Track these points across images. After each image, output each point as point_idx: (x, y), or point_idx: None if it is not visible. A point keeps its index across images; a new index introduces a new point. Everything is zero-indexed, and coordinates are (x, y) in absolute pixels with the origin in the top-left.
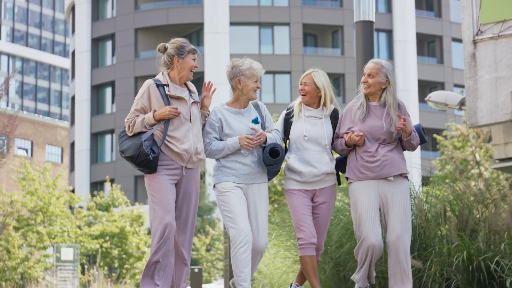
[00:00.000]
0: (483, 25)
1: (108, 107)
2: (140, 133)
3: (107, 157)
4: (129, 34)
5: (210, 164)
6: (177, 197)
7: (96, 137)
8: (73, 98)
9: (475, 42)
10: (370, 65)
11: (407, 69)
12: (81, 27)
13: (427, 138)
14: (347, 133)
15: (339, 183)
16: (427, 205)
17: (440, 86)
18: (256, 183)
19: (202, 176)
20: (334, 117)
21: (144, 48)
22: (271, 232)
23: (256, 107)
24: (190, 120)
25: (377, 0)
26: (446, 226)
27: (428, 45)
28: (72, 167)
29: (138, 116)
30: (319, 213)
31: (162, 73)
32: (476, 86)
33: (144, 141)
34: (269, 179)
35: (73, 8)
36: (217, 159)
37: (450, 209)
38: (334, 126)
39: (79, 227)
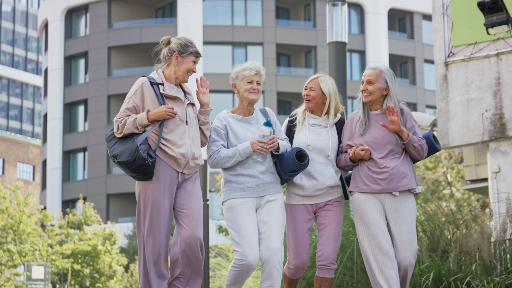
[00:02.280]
0: (454, 47)
1: (81, 125)
2: (131, 136)
3: (79, 175)
4: (102, 52)
5: None
6: (175, 200)
7: (68, 155)
8: (45, 116)
9: (447, 64)
10: (368, 72)
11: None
12: (54, 45)
13: (439, 146)
14: (351, 146)
15: (346, 198)
16: None
17: (412, 107)
18: (267, 195)
19: None
20: (340, 127)
21: (117, 66)
22: None
23: (264, 113)
24: (187, 122)
25: (350, 21)
26: (418, 247)
27: (401, 66)
28: (44, 185)
29: (129, 115)
30: (326, 222)
31: (157, 71)
32: (448, 107)
33: (140, 144)
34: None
35: (46, 26)
36: (223, 173)
37: (422, 229)
38: (339, 136)
39: (51, 246)
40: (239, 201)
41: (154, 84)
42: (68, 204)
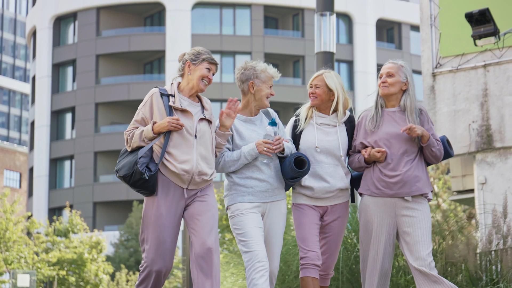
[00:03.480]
0: (442, 58)
1: (68, 133)
2: (138, 150)
3: (66, 183)
4: (90, 60)
5: None
6: (187, 211)
7: (55, 163)
8: (32, 123)
9: (434, 75)
10: (388, 65)
11: (368, 100)
12: (42, 52)
13: (453, 152)
14: (365, 146)
15: (353, 201)
16: None
17: None
18: (275, 201)
19: None
20: (350, 125)
21: (105, 74)
22: (229, 261)
23: (267, 114)
24: (196, 135)
25: (339, 31)
26: (403, 258)
27: None
28: (30, 193)
29: (138, 128)
30: (330, 232)
31: (172, 82)
32: (435, 118)
33: (140, 158)
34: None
35: (34, 33)
36: (228, 176)
37: None
38: (349, 135)
39: (37, 254)
40: (247, 205)
41: (164, 95)
42: (54, 211)
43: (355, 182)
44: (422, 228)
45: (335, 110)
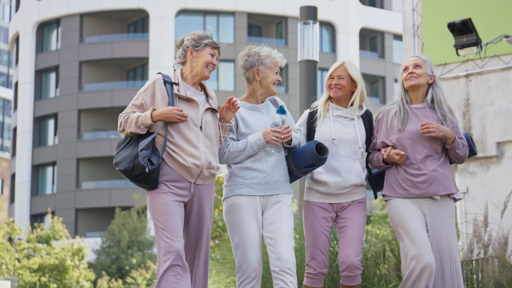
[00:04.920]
0: None
1: (51, 139)
2: (137, 141)
3: (48, 190)
4: (74, 67)
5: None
6: (185, 221)
7: (37, 169)
8: (14, 129)
9: None
10: (412, 58)
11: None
12: (25, 58)
13: (476, 150)
14: (386, 145)
15: (376, 197)
16: (366, 244)
17: None
18: (276, 195)
19: (144, 210)
20: (367, 119)
21: (88, 80)
22: (211, 268)
23: (274, 103)
24: (201, 127)
25: (322, 39)
26: (385, 266)
27: (371, 85)
28: (12, 199)
29: (135, 112)
30: (347, 225)
31: (174, 70)
32: None
33: (141, 150)
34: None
35: (17, 39)
36: (229, 165)
37: (390, 249)
38: (367, 129)
39: (18, 260)
40: (244, 199)
41: (168, 83)
42: (36, 218)
43: (378, 180)
44: (447, 234)
45: (352, 103)
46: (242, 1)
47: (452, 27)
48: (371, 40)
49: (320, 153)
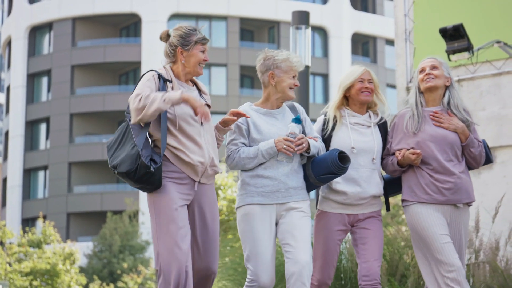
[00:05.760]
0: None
1: (42, 143)
2: (131, 140)
3: (40, 194)
4: (66, 71)
5: (144, 202)
6: (189, 222)
7: (29, 173)
8: (6, 133)
9: (408, 89)
10: (429, 59)
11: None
12: (17, 62)
13: (492, 157)
14: (399, 149)
15: (388, 209)
16: None
17: None
18: (291, 202)
19: (136, 214)
20: (383, 127)
21: (80, 85)
22: None
23: (292, 109)
24: (201, 123)
25: (314, 44)
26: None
27: None
28: (3, 203)
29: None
30: (369, 237)
31: (165, 67)
32: None
33: (141, 150)
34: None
35: (9, 43)
36: (240, 173)
37: None
38: (383, 138)
39: (9, 264)
40: (257, 208)
41: (163, 78)
42: (28, 222)
43: (389, 186)
44: (464, 243)
45: (367, 109)
46: (234, 6)
47: (444, 32)
48: (363, 45)
49: (342, 162)
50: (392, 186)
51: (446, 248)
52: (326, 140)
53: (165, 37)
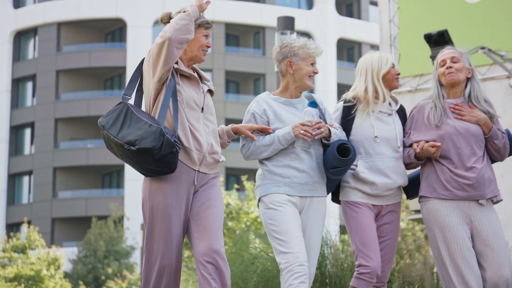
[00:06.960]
0: (401, 79)
1: (27, 148)
2: (140, 118)
3: (24, 199)
4: (51, 76)
5: (129, 207)
6: (191, 209)
7: (13, 178)
8: None
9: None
10: (449, 50)
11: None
12: (2, 67)
13: None
14: (417, 141)
15: (408, 197)
16: (343, 254)
17: None
18: (316, 197)
19: (121, 219)
20: (402, 114)
21: (65, 90)
22: (188, 278)
23: (309, 98)
24: (202, 109)
25: None
26: None
27: None
28: None
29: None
30: (387, 236)
31: None
32: None
33: (164, 127)
34: (328, 192)
35: None
36: (262, 163)
37: None
38: (403, 124)
39: None
40: (284, 197)
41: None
42: (12, 227)
43: (411, 188)
44: (500, 239)
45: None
46: (219, 11)
47: (429, 38)
48: (348, 50)
49: (344, 154)
50: (413, 187)
51: (465, 251)
52: (347, 129)
53: (167, 18)
